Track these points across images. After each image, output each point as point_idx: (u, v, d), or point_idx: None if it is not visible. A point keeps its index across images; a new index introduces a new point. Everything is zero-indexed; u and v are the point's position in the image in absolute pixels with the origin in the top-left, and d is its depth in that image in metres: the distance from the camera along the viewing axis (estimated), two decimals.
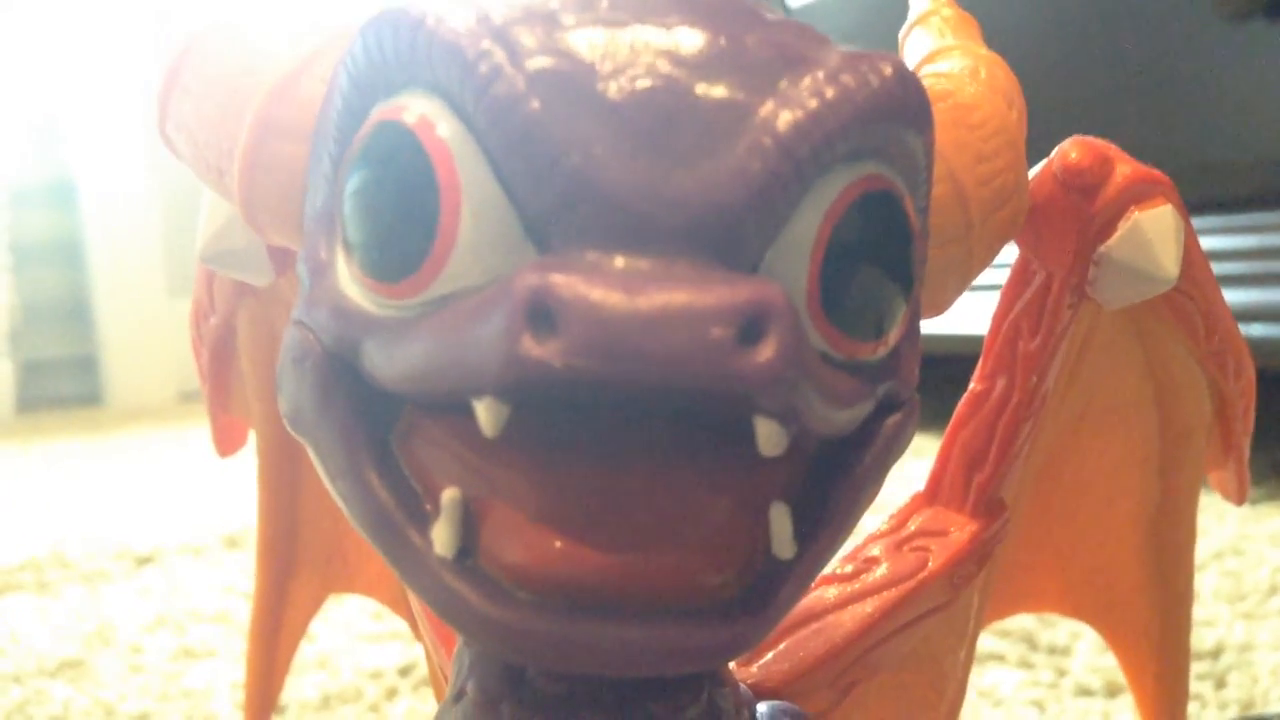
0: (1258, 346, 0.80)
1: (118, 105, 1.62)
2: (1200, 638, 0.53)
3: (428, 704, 0.53)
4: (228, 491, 0.95)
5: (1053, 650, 0.54)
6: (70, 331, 1.68)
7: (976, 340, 0.26)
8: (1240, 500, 0.30)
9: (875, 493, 0.17)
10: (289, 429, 0.17)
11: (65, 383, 1.68)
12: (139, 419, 1.52)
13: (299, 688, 0.53)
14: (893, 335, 0.17)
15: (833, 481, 0.16)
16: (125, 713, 0.52)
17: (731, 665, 0.22)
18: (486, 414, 0.14)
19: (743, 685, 0.20)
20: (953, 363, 0.26)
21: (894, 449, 0.17)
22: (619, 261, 0.14)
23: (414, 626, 0.33)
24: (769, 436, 0.15)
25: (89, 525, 0.89)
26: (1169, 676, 0.30)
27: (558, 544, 0.14)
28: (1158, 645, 0.30)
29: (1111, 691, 0.50)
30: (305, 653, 0.57)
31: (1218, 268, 0.26)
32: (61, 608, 0.69)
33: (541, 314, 0.14)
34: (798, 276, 0.15)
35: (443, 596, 0.15)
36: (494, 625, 0.15)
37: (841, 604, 0.23)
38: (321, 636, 0.60)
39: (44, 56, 1.61)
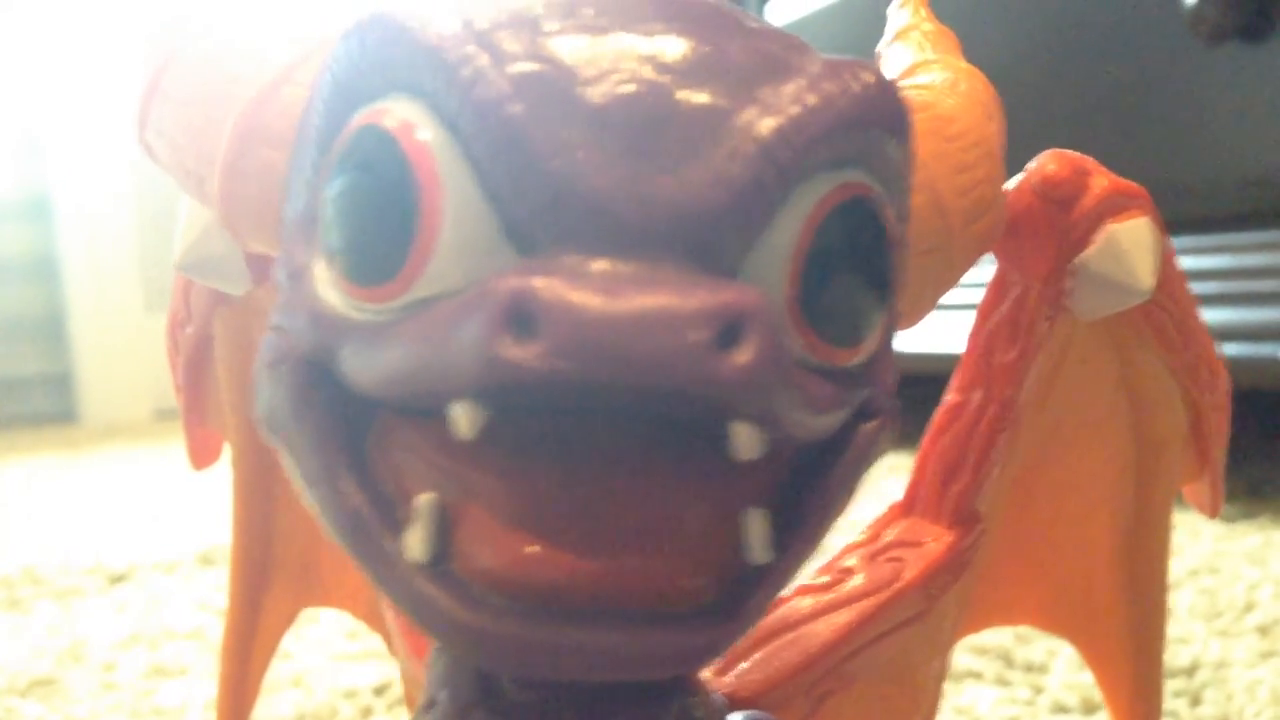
0: (1232, 366, 0.80)
1: (95, 121, 1.61)
2: (1176, 655, 0.53)
3: None
4: (202, 509, 0.95)
5: (1029, 668, 0.54)
6: (45, 348, 1.67)
7: (953, 359, 0.26)
8: (1214, 513, 0.30)
9: (851, 499, 0.17)
10: (264, 434, 0.17)
11: (40, 399, 1.67)
12: (114, 436, 1.51)
13: (274, 706, 0.53)
14: (870, 342, 0.17)
15: (809, 487, 0.16)
16: None
17: (706, 674, 0.22)
18: (464, 417, 0.14)
19: (717, 695, 0.20)
20: (930, 381, 0.27)
21: (870, 456, 0.17)
22: (600, 265, 0.14)
23: (388, 641, 0.32)
24: (746, 441, 0.15)
25: (62, 542, 0.89)
26: (1144, 689, 0.30)
27: (532, 549, 0.14)
28: (1133, 658, 0.30)
29: (1088, 709, 0.50)
30: (281, 671, 0.56)
31: (1192, 288, 0.26)
32: (34, 625, 0.68)
33: (522, 317, 0.14)
34: (778, 282, 0.16)
35: (416, 602, 0.15)
36: (468, 631, 0.15)
37: (817, 614, 0.23)
38: (297, 655, 0.59)
39: (22, 72, 1.61)
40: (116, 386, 1.67)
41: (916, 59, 0.23)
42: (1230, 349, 0.72)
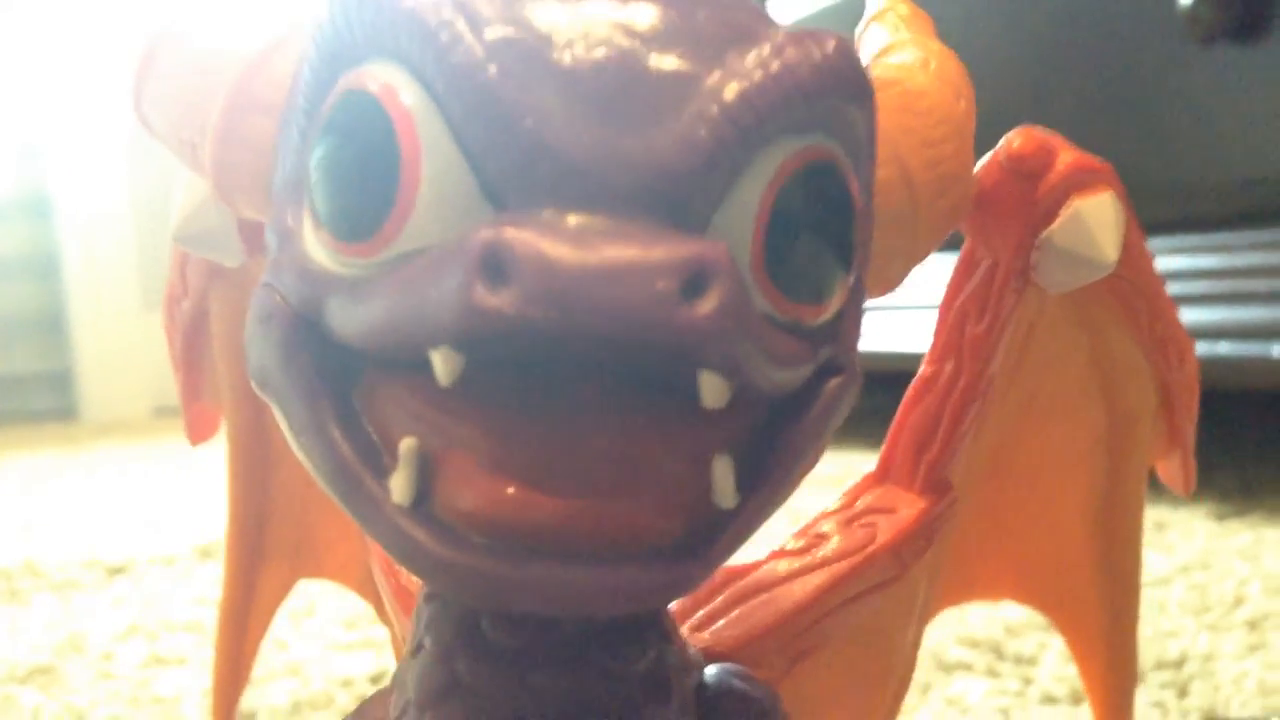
0: (1226, 366, 0.80)
1: (95, 120, 1.62)
2: (1165, 647, 0.54)
3: None
4: (200, 504, 0.95)
5: (1019, 660, 0.55)
6: (45, 345, 1.68)
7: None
8: (1187, 490, 0.30)
9: (817, 452, 0.18)
10: (256, 389, 0.18)
11: (40, 397, 1.68)
12: (113, 433, 1.51)
13: (270, 694, 0.53)
14: (834, 302, 0.17)
15: (775, 438, 0.17)
16: (95, 718, 0.52)
17: (684, 631, 0.22)
18: (442, 363, 0.15)
19: (694, 649, 0.20)
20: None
21: (835, 411, 0.18)
22: (572, 220, 0.15)
23: (379, 609, 0.33)
24: (712, 388, 0.15)
25: (62, 537, 0.89)
26: (1118, 663, 0.31)
27: (510, 490, 0.15)
28: (1107, 632, 0.31)
29: (1076, 699, 0.50)
30: (277, 661, 0.57)
31: (1186, 287, 0.27)
32: (32, 616, 0.69)
33: (495, 265, 0.14)
34: (743, 240, 0.16)
35: (400, 542, 0.16)
36: (449, 568, 0.15)
37: (792, 576, 0.24)
38: (294, 645, 0.60)
39: (21, 72, 1.61)
40: (116, 384, 1.68)
41: (891, 40, 0.24)
42: (1224, 348, 0.73)
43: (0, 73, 1.62)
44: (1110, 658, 0.31)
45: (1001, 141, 0.24)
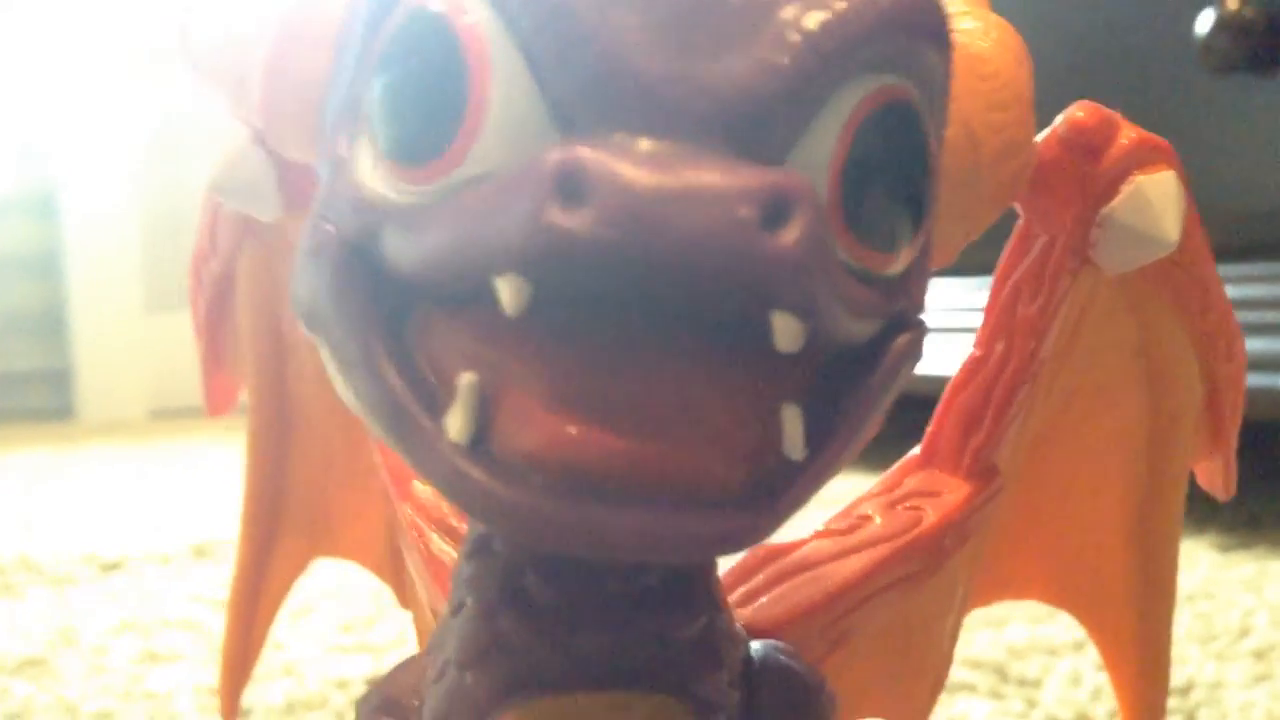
0: None
1: (101, 120, 1.62)
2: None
3: None
4: (196, 504, 0.95)
5: (1023, 682, 0.55)
6: (45, 344, 1.67)
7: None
8: (1227, 494, 0.30)
9: (883, 410, 0.17)
10: (304, 327, 0.17)
11: (38, 395, 1.68)
12: (109, 434, 1.51)
13: (265, 694, 0.53)
14: (905, 253, 0.17)
15: (844, 392, 0.17)
16: (87, 712, 0.51)
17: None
18: (509, 291, 0.14)
19: (739, 624, 0.20)
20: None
21: (903, 367, 0.17)
22: (645, 144, 0.14)
23: (398, 590, 0.33)
24: (786, 330, 0.15)
25: (57, 533, 0.89)
26: (1150, 669, 0.30)
27: (572, 430, 0.14)
28: (1139, 638, 0.30)
29: None
30: (274, 661, 0.56)
31: None
32: (26, 610, 0.68)
33: (570, 185, 0.14)
34: (819, 180, 0.16)
35: (456, 481, 0.15)
36: (507, 507, 0.15)
37: (835, 556, 0.23)
38: (291, 646, 0.59)
39: (25, 69, 1.62)
40: (114, 385, 1.67)
41: (949, 9, 0.23)
42: None
43: (6, 71, 1.62)
44: (1142, 664, 0.30)
45: (1061, 115, 0.23)
